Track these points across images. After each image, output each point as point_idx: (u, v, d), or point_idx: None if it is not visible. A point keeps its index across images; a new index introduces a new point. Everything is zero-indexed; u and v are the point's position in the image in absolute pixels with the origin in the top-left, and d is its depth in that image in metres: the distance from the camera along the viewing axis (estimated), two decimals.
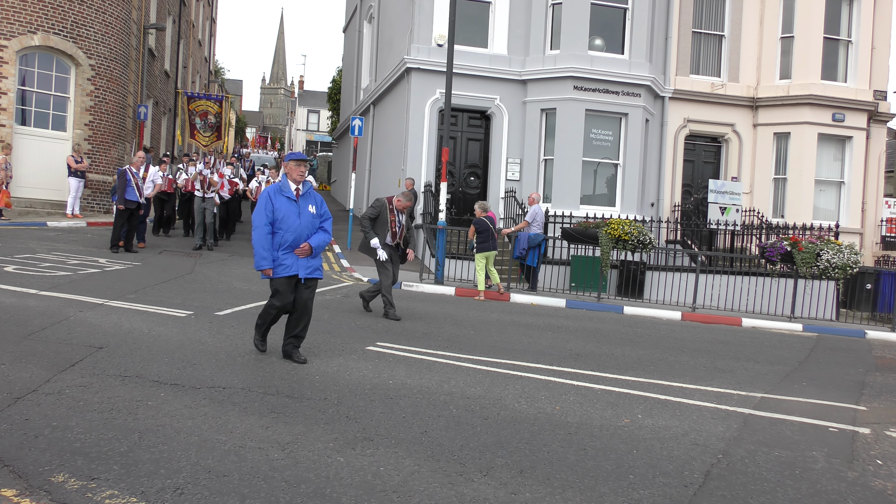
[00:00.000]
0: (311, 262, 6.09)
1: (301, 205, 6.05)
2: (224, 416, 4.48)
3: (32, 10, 15.48)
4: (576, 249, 13.82)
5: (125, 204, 12.11)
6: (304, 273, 6.01)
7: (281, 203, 5.96)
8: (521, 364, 6.78)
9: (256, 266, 5.94)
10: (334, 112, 41.90)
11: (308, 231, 6.03)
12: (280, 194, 6.02)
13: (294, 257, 5.97)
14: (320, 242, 6.10)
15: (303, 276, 6.01)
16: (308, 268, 6.05)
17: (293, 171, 6.11)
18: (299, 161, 6.14)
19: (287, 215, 5.94)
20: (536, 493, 3.68)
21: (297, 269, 5.97)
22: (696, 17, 18.02)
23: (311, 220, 6.07)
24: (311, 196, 6.17)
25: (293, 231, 5.94)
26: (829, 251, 12.48)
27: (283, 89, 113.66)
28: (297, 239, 5.96)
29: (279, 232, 5.92)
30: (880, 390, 7.07)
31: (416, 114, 16.18)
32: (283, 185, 6.08)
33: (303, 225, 5.99)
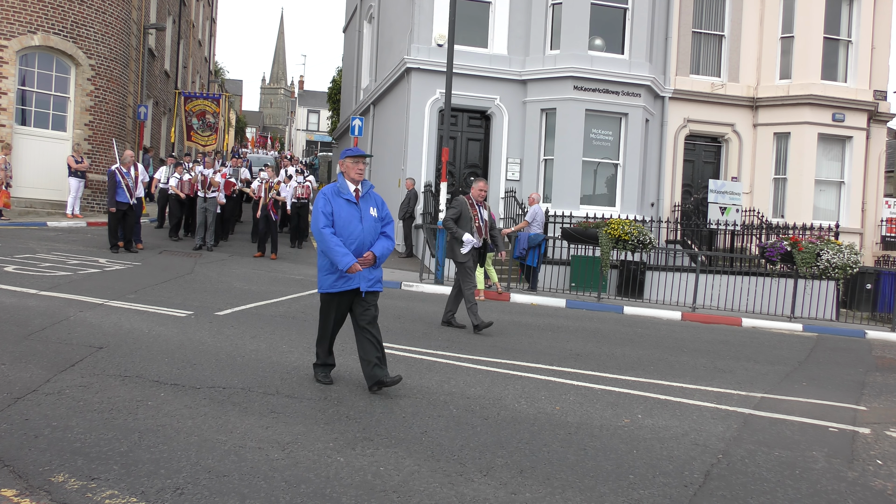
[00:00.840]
0: (373, 272, 5.32)
1: (362, 208, 5.30)
2: (224, 416, 4.48)
3: (32, 10, 15.48)
4: (576, 249, 13.82)
5: (116, 206, 12.12)
6: (365, 286, 5.23)
7: (339, 206, 5.23)
8: (521, 364, 6.78)
9: (341, 265, 5.10)
10: (334, 112, 41.91)
11: (370, 237, 5.29)
12: (338, 196, 5.27)
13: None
14: (384, 251, 5.36)
15: (364, 290, 5.23)
16: (370, 280, 5.27)
17: (351, 170, 5.34)
18: (357, 157, 5.36)
19: (347, 220, 5.22)
20: (536, 493, 3.68)
21: (359, 282, 5.21)
22: (696, 17, 18.03)
23: (373, 225, 5.33)
24: (371, 197, 5.43)
25: (355, 238, 5.20)
26: (829, 251, 12.48)
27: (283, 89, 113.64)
28: (360, 247, 5.23)
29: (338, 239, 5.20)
30: (880, 390, 7.07)
31: (416, 114, 16.18)
32: (341, 185, 5.32)
33: (365, 231, 5.25)
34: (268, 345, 6.61)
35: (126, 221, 12.41)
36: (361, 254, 5.23)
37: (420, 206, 15.51)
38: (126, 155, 12.91)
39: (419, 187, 15.80)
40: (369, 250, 5.27)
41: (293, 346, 6.65)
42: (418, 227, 15.63)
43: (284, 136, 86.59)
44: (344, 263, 5.11)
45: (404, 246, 16.08)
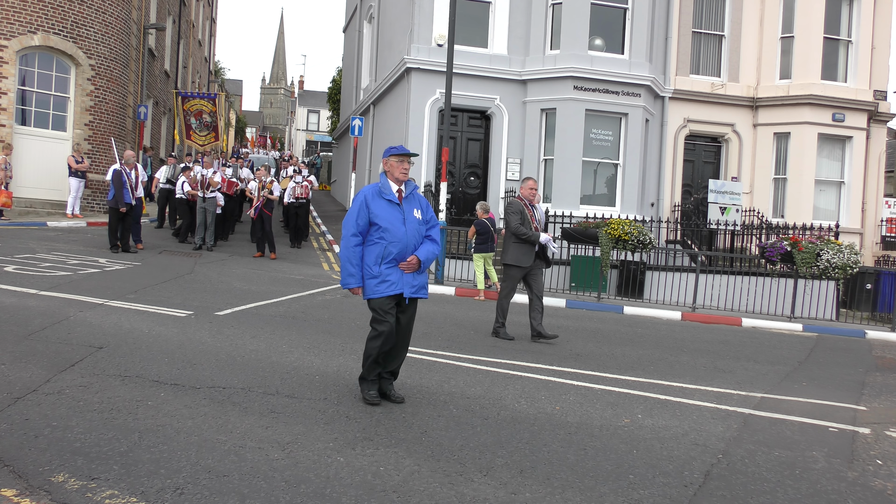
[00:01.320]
0: (418, 278, 5.05)
1: (405, 209, 5.04)
2: (224, 416, 4.48)
3: (32, 10, 15.48)
4: (576, 249, 13.82)
5: (117, 204, 12.07)
6: (409, 292, 4.98)
7: (381, 208, 4.96)
8: (521, 364, 6.78)
9: (343, 284, 4.96)
10: (334, 112, 41.91)
11: (415, 241, 5.02)
12: (379, 197, 5.00)
13: (399, 272, 4.95)
14: (429, 255, 5.08)
15: (408, 296, 4.98)
16: (413, 286, 5.01)
17: (395, 169, 5.06)
18: (402, 156, 5.09)
19: (391, 222, 4.94)
20: (536, 493, 3.68)
21: (402, 287, 4.93)
22: (696, 17, 18.03)
23: (418, 228, 5.06)
24: (415, 199, 5.16)
25: (399, 241, 4.92)
26: (829, 251, 12.49)
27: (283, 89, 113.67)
28: (404, 250, 4.95)
29: (380, 243, 4.91)
30: (880, 390, 7.07)
31: (416, 114, 16.18)
32: (383, 185, 5.05)
33: (409, 234, 4.98)
34: (268, 345, 6.61)
35: (124, 221, 12.39)
36: (405, 258, 4.96)
37: None
38: (128, 155, 12.90)
39: (420, 187, 15.79)
40: (413, 254, 4.99)
41: (293, 346, 6.65)
42: None
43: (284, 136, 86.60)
44: (345, 283, 4.96)
45: None
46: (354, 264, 4.92)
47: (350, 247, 4.93)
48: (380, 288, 4.90)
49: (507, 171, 16.64)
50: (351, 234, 4.94)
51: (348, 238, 4.95)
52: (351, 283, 4.93)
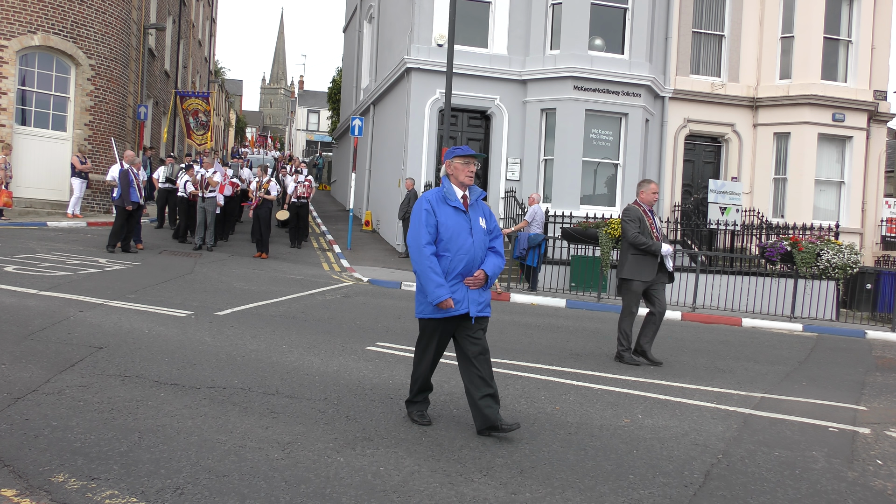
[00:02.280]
0: (483, 294, 4.58)
1: (472, 218, 4.56)
2: (224, 416, 4.48)
3: (32, 10, 15.49)
4: (576, 249, 13.81)
5: (125, 203, 12.06)
6: (475, 310, 4.49)
7: (446, 216, 4.47)
8: (521, 364, 6.78)
9: (432, 297, 4.35)
10: (334, 112, 41.91)
11: (482, 253, 4.54)
12: (444, 204, 4.51)
13: (465, 289, 4.47)
14: (495, 269, 4.59)
15: (474, 314, 4.49)
16: (480, 303, 4.53)
17: (461, 172, 4.57)
18: (468, 157, 4.58)
19: (456, 232, 4.45)
20: (536, 493, 3.68)
21: (468, 306, 4.46)
22: (696, 17, 18.03)
23: (483, 239, 4.57)
24: (479, 206, 4.68)
25: (465, 253, 4.45)
26: (829, 251, 12.49)
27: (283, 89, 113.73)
28: (470, 264, 4.47)
29: (445, 256, 4.44)
30: (880, 390, 7.07)
31: (416, 114, 16.18)
32: (448, 191, 4.56)
33: (476, 245, 4.49)
34: (268, 345, 6.61)
35: (130, 221, 12.36)
36: (471, 272, 4.49)
37: None
38: (129, 155, 12.89)
39: (419, 187, 15.80)
40: (480, 268, 4.51)
41: (293, 346, 6.65)
42: None
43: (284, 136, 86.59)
44: (435, 296, 4.34)
45: (404, 246, 16.09)
46: (439, 272, 4.38)
47: (427, 256, 4.39)
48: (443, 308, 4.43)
49: (508, 171, 16.65)
50: (425, 243, 4.41)
51: (422, 248, 4.39)
52: (442, 293, 4.33)
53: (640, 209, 7.40)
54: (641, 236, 7.21)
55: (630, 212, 7.42)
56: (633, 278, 7.33)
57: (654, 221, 7.43)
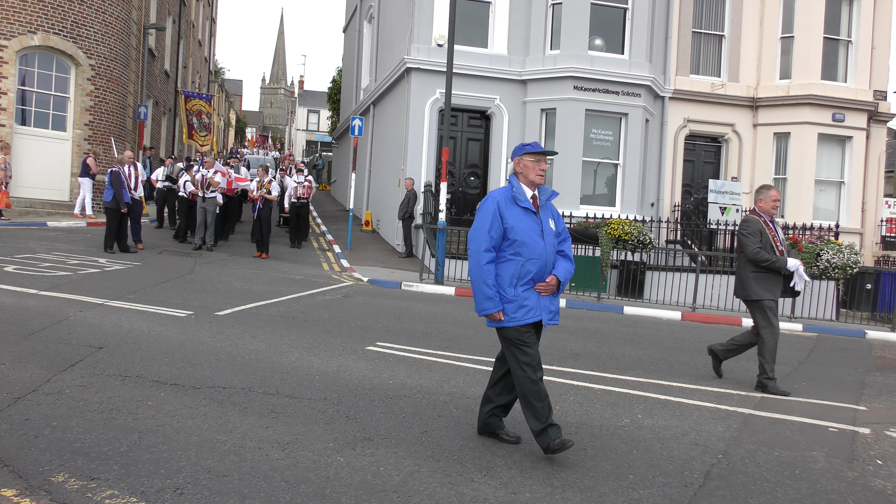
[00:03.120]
0: (554, 302, 4.34)
1: (542, 219, 4.30)
2: (224, 416, 4.48)
3: (32, 10, 15.49)
4: (576, 249, 13.81)
5: (115, 204, 12.01)
6: (546, 318, 4.26)
7: (517, 217, 4.20)
8: None
9: (479, 308, 4.17)
10: (334, 112, 41.91)
11: (553, 257, 4.29)
12: (514, 204, 4.23)
13: (536, 295, 4.21)
14: (567, 274, 4.33)
15: (546, 323, 4.29)
16: (551, 311, 4.30)
17: (531, 170, 4.29)
18: (538, 155, 4.30)
19: (528, 235, 4.18)
20: (536, 493, 3.68)
21: (541, 313, 4.21)
22: (696, 17, 18.03)
23: (554, 242, 4.32)
24: (549, 207, 4.41)
25: (538, 258, 4.18)
26: (829, 251, 12.49)
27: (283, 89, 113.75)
28: (543, 269, 4.20)
29: (515, 259, 4.17)
30: (880, 390, 7.07)
31: (416, 114, 16.18)
32: (517, 190, 4.27)
33: (548, 249, 4.24)
34: (268, 345, 6.61)
35: (123, 220, 12.32)
36: (543, 277, 4.21)
37: (420, 206, 15.51)
38: (126, 155, 12.87)
39: (419, 187, 15.80)
40: (552, 274, 4.24)
41: (293, 346, 6.65)
42: (418, 227, 15.63)
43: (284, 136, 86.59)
44: (482, 308, 4.15)
45: (404, 246, 16.09)
46: (491, 284, 4.14)
47: (483, 264, 4.15)
48: (518, 314, 4.15)
49: (507, 171, 16.62)
50: (484, 249, 4.15)
51: (480, 254, 4.16)
52: (490, 307, 4.12)
53: (760, 220, 6.58)
54: (763, 252, 6.40)
55: (749, 224, 6.56)
56: (762, 298, 6.49)
57: (777, 233, 6.59)
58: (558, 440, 4.06)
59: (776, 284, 6.53)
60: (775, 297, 6.53)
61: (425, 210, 14.98)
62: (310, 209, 19.79)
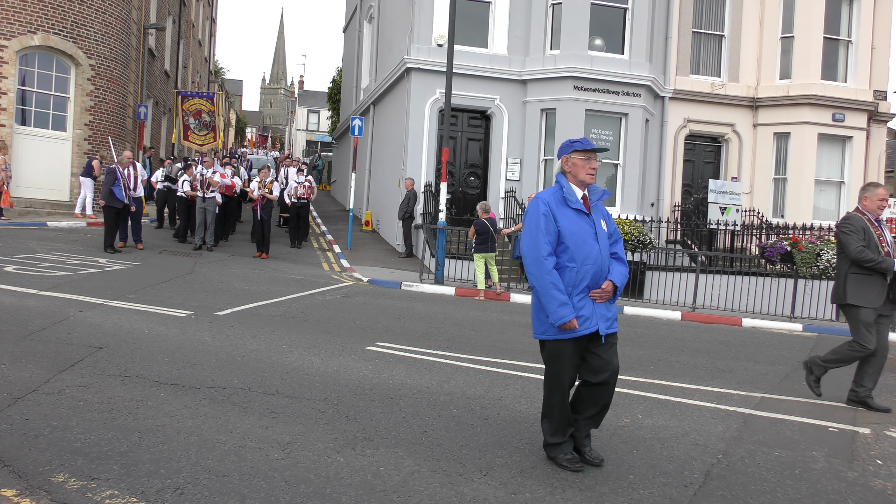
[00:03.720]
0: (610, 308, 4.03)
1: (595, 221, 4.00)
2: (224, 416, 4.48)
3: (32, 10, 15.49)
4: None
5: (111, 202, 11.98)
6: (605, 327, 3.96)
7: (569, 220, 3.91)
8: (521, 364, 6.78)
9: (554, 318, 3.83)
10: (334, 112, 41.91)
11: (607, 262, 3.99)
12: (565, 206, 3.95)
13: (591, 304, 3.93)
14: (623, 279, 4.02)
15: (604, 332, 3.96)
16: (608, 318, 4.00)
17: (581, 169, 4.00)
18: (589, 152, 4.00)
19: (581, 238, 3.89)
20: (536, 493, 3.68)
21: (597, 322, 3.92)
22: (696, 17, 18.03)
23: (607, 245, 4.03)
24: (599, 208, 4.10)
25: (592, 263, 3.89)
26: (829, 251, 12.49)
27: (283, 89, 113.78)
28: (598, 274, 3.92)
29: (570, 266, 3.88)
30: (880, 390, 7.06)
31: (416, 114, 16.18)
32: (567, 190, 3.98)
33: (602, 253, 3.94)
34: (268, 345, 6.61)
35: (118, 220, 12.26)
36: (598, 283, 3.93)
37: (420, 206, 15.51)
38: (124, 155, 12.87)
39: (419, 187, 15.80)
40: (608, 279, 3.96)
41: (293, 346, 6.65)
42: (418, 227, 15.63)
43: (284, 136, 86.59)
44: (558, 316, 3.81)
45: (404, 246, 16.09)
46: (563, 289, 3.84)
47: (548, 270, 3.83)
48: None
49: (508, 171, 16.65)
50: (546, 255, 3.85)
51: (542, 261, 3.84)
52: (567, 313, 3.80)
53: (863, 218, 6.09)
54: (867, 251, 5.88)
55: (851, 221, 6.09)
56: (861, 304, 5.92)
57: (884, 233, 6.05)
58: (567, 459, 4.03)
59: (877, 291, 5.92)
60: (874, 307, 5.89)
61: (425, 210, 14.98)
62: (310, 209, 19.79)
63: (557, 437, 4.04)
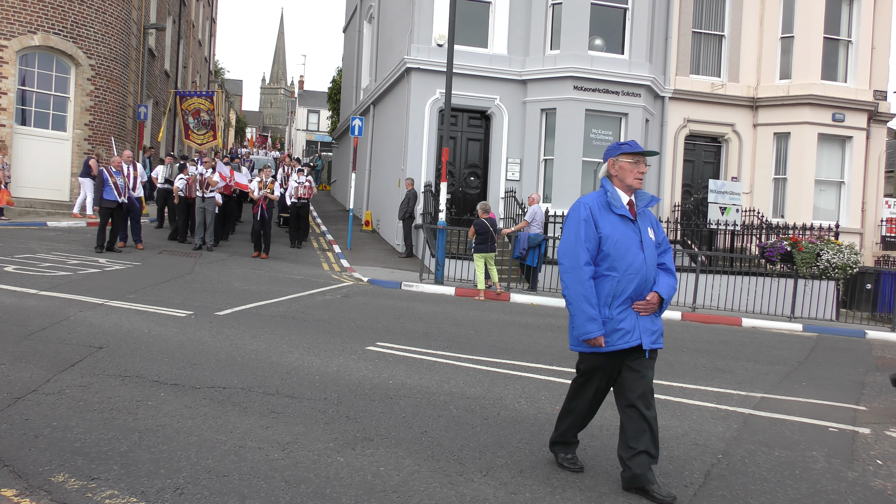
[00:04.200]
0: (656, 322, 3.81)
1: (641, 228, 3.80)
2: (224, 416, 4.48)
3: (32, 10, 15.49)
4: None
5: (102, 203, 11.99)
6: (648, 342, 3.73)
7: (612, 226, 3.72)
8: (521, 364, 6.78)
9: (579, 333, 3.70)
10: (334, 112, 41.91)
11: (653, 272, 3.78)
12: (608, 211, 3.75)
13: (634, 316, 3.72)
14: (671, 291, 3.81)
15: (647, 347, 3.73)
16: (653, 332, 3.77)
17: (628, 173, 3.81)
18: (638, 156, 3.82)
19: (625, 246, 3.70)
20: (536, 493, 3.68)
21: (640, 336, 3.70)
22: (696, 17, 18.03)
23: (654, 254, 3.81)
24: (647, 214, 3.90)
25: (636, 272, 3.69)
26: (829, 251, 12.50)
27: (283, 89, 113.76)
28: (643, 285, 3.72)
29: (610, 275, 3.70)
30: (880, 390, 7.07)
31: (416, 114, 16.18)
32: (612, 195, 3.79)
33: (648, 263, 3.74)
34: (268, 345, 6.61)
35: (114, 220, 12.26)
36: (643, 295, 3.73)
37: (420, 205, 15.51)
38: (126, 155, 12.87)
39: (419, 187, 15.79)
40: (653, 291, 3.76)
41: (293, 346, 6.65)
42: (418, 227, 15.63)
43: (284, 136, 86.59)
44: (584, 331, 3.67)
45: (404, 246, 16.09)
46: (594, 303, 3.66)
47: (584, 280, 3.66)
48: (612, 338, 3.69)
49: (507, 171, 16.64)
50: (584, 263, 3.67)
51: (580, 269, 3.66)
52: (593, 329, 3.64)
53: None
54: None
55: None
56: None
57: None
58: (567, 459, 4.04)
59: None
60: None
61: (425, 210, 14.98)
62: (310, 209, 19.78)
63: (566, 436, 4.03)
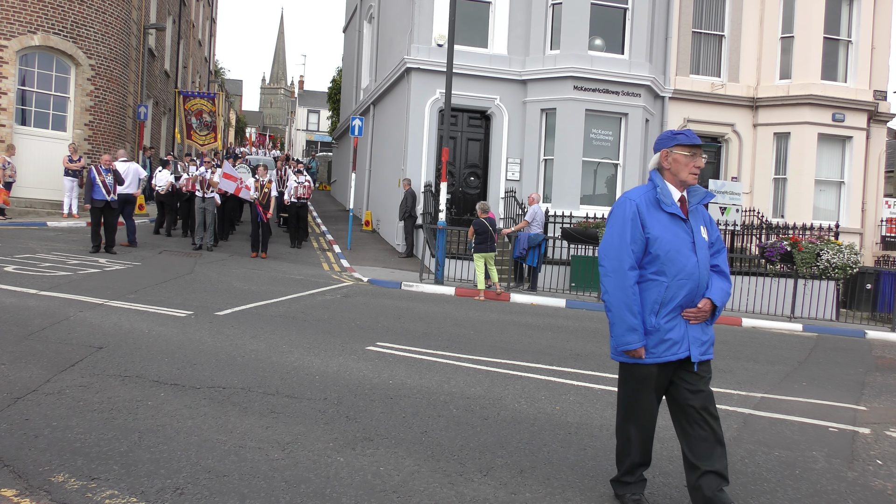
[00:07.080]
0: (707, 331, 3.43)
1: (694, 228, 3.42)
2: (224, 416, 4.48)
3: (32, 10, 15.49)
4: (576, 249, 13.81)
5: (91, 203, 11.98)
6: (698, 353, 3.35)
7: (661, 226, 3.34)
8: (521, 364, 6.78)
9: (619, 342, 3.35)
10: (334, 112, 41.91)
11: (706, 276, 3.40)
12: (657, 208, 3.38)
13: (683, 325, 3.35)
14: (724, 297, 3.43)
15: (696, 359, 3.35)
16: (703, 343, 3.39)
17: (683, 167, 3.45)
18: (694, 148, 3.48)
19: (676, 248, 3.32)
20: (536, 493, 3.68)
21: (689, 347, 3.33)
22: (696, 17, 18.03)
23: (707, 257, 3.43)
24: (699, 212, 3.51)
25: (687, 277, 3.32)
26: (829, 251, 12.50)
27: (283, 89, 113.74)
28: (694, 291, 3.34)
29: (659, 280, 3.32)
30: (880, 390, 7.07)
31: (416, 114, 16.18)
32: (662, 190, 3.41)
33: (701, 266, 3.36)
34: (268, 345, 6.61)
35: (107, 219, 12.23)
36: (694, 301, 3.35)
37: (420, 205, 15.51)
38: (119, 154, 12.89)
39: (419, 187, 15.79)
40: (706, 297, 3.38)
41: (293, 346, 6.65)
42: (418, 227, 15.63)
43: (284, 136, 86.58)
44: (623, 342, 3.32)
45: (404, 245, 16.09)
46: (637, 312, 3.30)
47: (627, 286, 3.29)
48: (658, 349, 3.32)
49: (507, 171, 16.64)
50: (628, 267, 3.31)
51: (624, 273, 3.30)
52: (633, 340, 3.29)
53: None
54: None
55: None
56: None
57: None
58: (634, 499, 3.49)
59: None
60: None
61: (425, 210, 14.98)
62: (309, 209, 19.79)
63: (628, 477, 3.52)
